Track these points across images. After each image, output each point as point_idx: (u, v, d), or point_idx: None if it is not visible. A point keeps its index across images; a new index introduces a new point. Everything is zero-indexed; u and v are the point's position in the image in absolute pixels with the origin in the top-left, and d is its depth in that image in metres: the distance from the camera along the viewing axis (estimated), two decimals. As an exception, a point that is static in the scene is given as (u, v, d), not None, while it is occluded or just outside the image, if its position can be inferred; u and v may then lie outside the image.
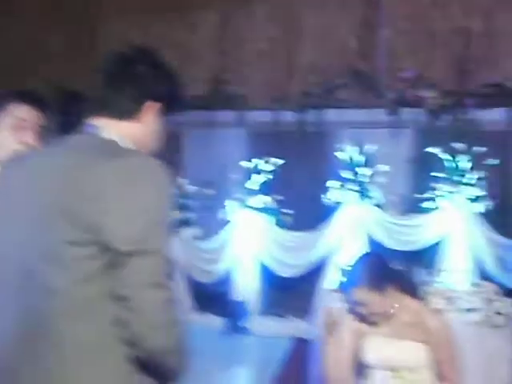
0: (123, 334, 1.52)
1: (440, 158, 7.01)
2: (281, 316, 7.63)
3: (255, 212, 7.63)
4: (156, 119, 1.81)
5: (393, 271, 3.16)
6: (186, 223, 7.98)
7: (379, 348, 2.94)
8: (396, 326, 2.95)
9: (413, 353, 2.88)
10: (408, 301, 3.00)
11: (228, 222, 7.82)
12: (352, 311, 3.07)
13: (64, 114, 8.61)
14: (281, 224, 7.64)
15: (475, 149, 6.97)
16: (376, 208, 7.22)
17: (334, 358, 3.04)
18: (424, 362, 2.87)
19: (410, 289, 3.10)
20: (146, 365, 1.57)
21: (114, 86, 1.76)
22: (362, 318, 3.04)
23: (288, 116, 8.37)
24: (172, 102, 1.86)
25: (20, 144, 2.36)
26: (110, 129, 1.73)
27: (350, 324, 3.07)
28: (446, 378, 2.88)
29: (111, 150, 1.67)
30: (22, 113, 2.44)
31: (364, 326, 3.04)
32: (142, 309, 1.49)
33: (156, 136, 1.84)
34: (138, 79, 1.77)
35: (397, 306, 2.96)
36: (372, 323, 3.01)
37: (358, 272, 3.15)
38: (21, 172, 1.72)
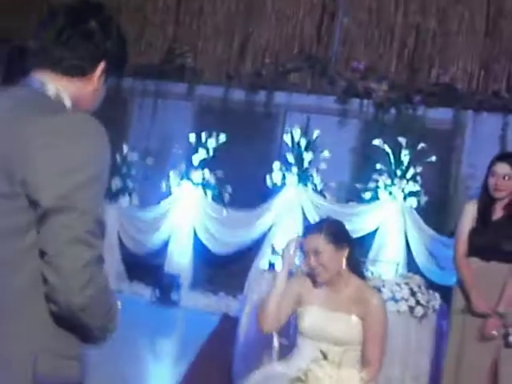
0: (45, 289, 1.51)
1: (383, 150, 7.11)
2: (212, 292, 7.66)
3: (195, 186, 7.61)
4: (101, 79, 1.74)
5: (351, 238, 3.16)
6: (124, 191, 7.92)
7: (315, 318, 2.97)
8: (337, 298, 2.97)
9: (348, 327, 2.91)
10: (353, 276, 3.03)
11: (167, 193, 7.79)
12: (303, 264, 3.07)
13: (10, 69, 8.45)
14: (219, 200, 7.64)
15: (416, 144, 7.10)
16: (315, 193, 7.29)
17: (275, 294, 3.07)
18: (356, 338, 2.92)
19: (357, 266, 3.13)
20: (68, 322, 1.55)
21: (66, 42, 1.67)
22: (310, 275, 3.04)
23: (238, 94, 8.38)
24: (120, 62, 1.79)
25: None
26: (53, 85, 1.67)
27: (293, 286, 3.09)
28: (369, 361, 2.91)
29: (48, 105, 1.62)
30: None
31: (306, 293, 3.05)
32: (59, 264, 1.48)
33: (99, 96, 1.78)
34: (92, 37, 1.69)
35: (344, 270, 2.96)
36: (317, 284, 3.01)
37: (318, 223, 3.20)
38: None
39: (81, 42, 1.69)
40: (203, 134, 7.72)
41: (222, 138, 7.66)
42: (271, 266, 5.32)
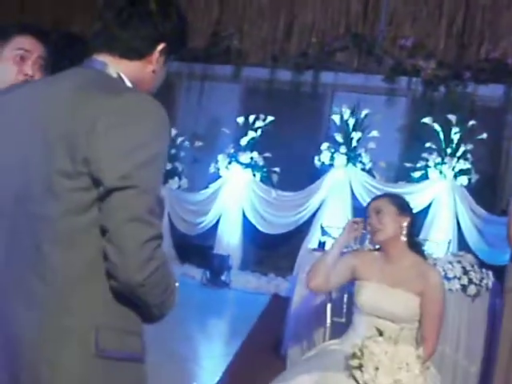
0: (106, 266, 1.54)
1: (432, 128, 7.03)
2: (261, 273, 7.72)
3: (244, 168, 7.65)
4: (162, 61, 1.74)
5: (413, 211, 3.17)
6: (174, 174, 8.00)
7: (373, 293, 2.97)
8: (395, 274, 2.97)
9: (405, 303, 2.89)
10: (411, 252, 3.03)
11: (216, 176, 7.85)
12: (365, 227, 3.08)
13: (59, 55, 8.57)
14: (267, 182, 7.67)
15: (467, 122, 6.99)
16: (364, 173, 7.26)
17: (329, 254, 3.10)
18: (413, 316, 2.91)
19: (416, 243, 3.13)
20: (127, 298, 1.58)
21: (126, 23, 1.67)
22: (368, 252, 3.07)
23: (285, 75, 8.36)
24: (179, 44, 1.78)
25: (23, 76, 2.33)
26: (115, 66, 1.68)
27: (350, 257, 3.11)
28: (425, 338, 2.91)
29: (112, 85, 1.64)
30: (26, 44, 2.39)
31: (363, 268, 3.06)
32: (119, 242, 1.50)
33: (159, 78, 1.78)
34: (151, 18, 1.68)
35: (403, 242, 2.97)
36: (375, 259, 3.01)
37: (384, 192, 3.22)
38: (22, 99, 1.70)
39: (139, 22, 1.69)
40: (251, 116, 7.74)
41: (270, 119, 7.66)
42: (321, 245, 5.33)
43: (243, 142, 7.68)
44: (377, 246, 3.17)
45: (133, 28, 1.69)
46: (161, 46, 1.72)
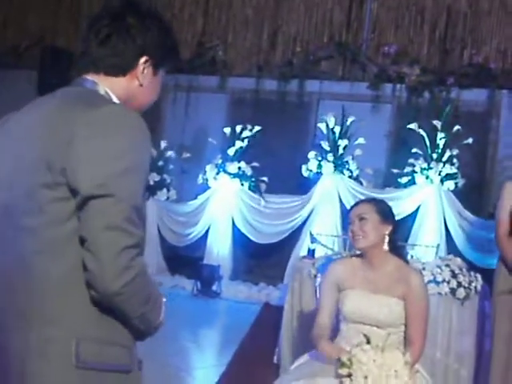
0: (85, 275, 1.55)
1: (418, 134, 7.08)
2: (252, 282, 7.73)
3: (232, 178, 7.67)
4: (149, 74, 1.74)
5: (395, 218, 3.16)
6: (162, 186, 8.01)
7: (357, 301, 2.98)
8: (377, 280, 2.97)
9: (389, 309, 2.90)
10: (393, 257, 3.03)
11: (205, 186, 7.86)
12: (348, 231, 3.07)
13: (43, 68, 8.59)
14: (256, 191, 7.69)
15: (452, 127, 7.05)
16: (351, 180, 7.30)
17: (319, 306, 3.09)
18: (398, 320, 2.92)
19: (397, 247, 3.13)
20: (107, 309, 1.58)
21: (105, 41, 1.69)
22: (350, 260, 3.06)
23: (270, 84, 8.40)
24: (164, 55, 1.77)
25: None
26: (102, 84, 1.70)
27: (331, 278, 3.09)
28: (412, 341, 2.92)
29: (94, 100, 1.65)
30: None
31: (346, 278, 3.05)
32: (96, 250, 1.51)
33: (150, 91, 1.78)
34: (129, 33, 1.69)
35: (385, 248, 2.97)
36: (357, 267, 3.01)
37: (368, 198, 3.20)
38: (14, 120, 1.74)
39: (117, 38, 1.70)
40: (237, 126, 7.77)
41: (256, 128, 7.70)
42: (310, 252, 5.36)
43: (231, 152, 7.71)
44: (358, 252, 3.17)
45: (112, 45, 1.71)
46: (143, 59, 1.73)
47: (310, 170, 7.37)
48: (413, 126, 7.12)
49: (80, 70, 1.74)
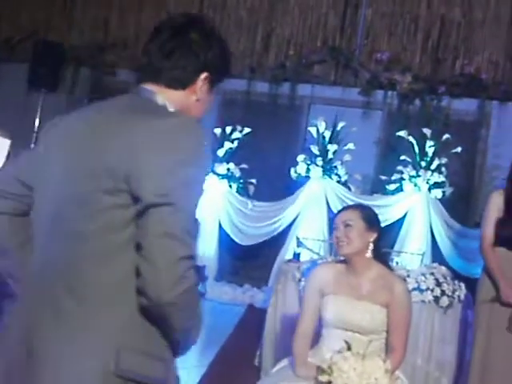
0: (137, 283, 1.54)
1: (407, 141, 7.10)
2: (237, 284, 7.72)
3: (220, 179, 7.67)
4: (207, 89, 1.77)
5: (381, 226, 3.16)
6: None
7: (339, 307, 2.98)
8: (360, 287, 2.98)
9: (372, 315, 2.89)
10: (377, 264, 3.02)
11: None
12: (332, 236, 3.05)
13: (35, 63, 8.57)
14: (244, 193, 7.69)
15: (441, 135, 7.08)
16: (340, 185, 7.31)
17: (302, 313, 3.08)
18: (380, 327, 2.92)
19: (382, 254, 3.13)
20: (155, 318, 1.58)
21: (169, 55, 1.72)
22: (334, 265, 3.04)
23: (262, 87, 8.41)
24: (222, 72, 1.81)
25: None
26: (161, 95, 1.72)
27: (315, 282, 3.09)
28: (393, 348, 2.92)
29: (155, 110, 1.69)
30: None
31: (329, 284, 3.05)
32: (153, 258, 1.51)
33: (204, 105, 1.81)
34: (192, 49, 1.73)
35: (368, 256, 2.96)
36: (340, 273, 3.01)
37: (355, 204, 3.19)
38: (72, 124, 1.75)
39: (181, 53, 1.74)
40: (227, 127, 7.76)
41: (247, 130, 7.69)
42: (296, 256, 5.36)
43: (220, 153, 7.70)
44: (342, 258, 3.17)
45: (175, 59, 1.74)
46: (203, 75, 1.76)
47: (299, 174, 7.37)
48: (402, 133, 7.14)
49: (140, 80, 1.77)
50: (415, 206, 7.12)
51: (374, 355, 2.61)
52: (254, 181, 7.69)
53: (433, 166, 7.06)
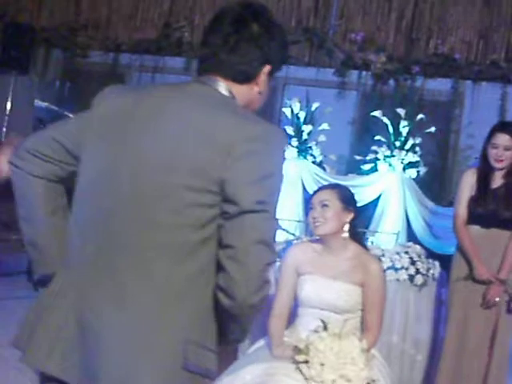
0: (218, 280, 1.57)
1: (381, 121, 7.12)
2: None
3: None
4: (266, 81, 1.80)
5: (357, 206, 3.15)
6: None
7: (315, 287, 2.98)
8: (336, 266, 2.98)
9: (347, 294, 2.91)
10: (353, 244, 3.03)
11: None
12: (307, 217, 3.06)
13: (5, 45, 8.44)
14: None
15: (415, 115, 7.10)
16: (315, 166, 7.31)
17: (277, 294, 3.08)
18: (356, 306, 2.93)
19: (358, 234, 3.13)
20: (219, 318, 1.62)
21: (234, 49, 1.72)
22: (310, 244, 3.04)
23: (236, 68, 8.36)
24: (282, 61, 1.84)
25: None
26: (230, 89, 1.72)
27: (290, 261, 3.09)
28: (368, 327, 2.94)
29: (238, 110, 1.69)
30: None
31: (305, 263, 3.05)
32: (246, 262, 1.54)
33: (263, 99, 1.84)
34: (256, 41, 1.73)
35: (345, 236, 2.97)
36: (316, 252, 3.01)
37: (332, 184, 3.21)
38: (148, 107, 1.67)
39: (247, 46, 1.73)
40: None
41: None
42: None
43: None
44: (317, 237, 3.17)
45: (241, 53, 1.74)
46: (267, 68, 1.77)
47: (274, 155, 7.35)
48: (377, 113, 7.14)
49: (202, 71, 1.75)
50: (390, 185, 7.14)
51: (350, 334, 2.63)
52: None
53: (407, 146, 7.07)
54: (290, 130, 7.27)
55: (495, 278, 3.82)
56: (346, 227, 3.01)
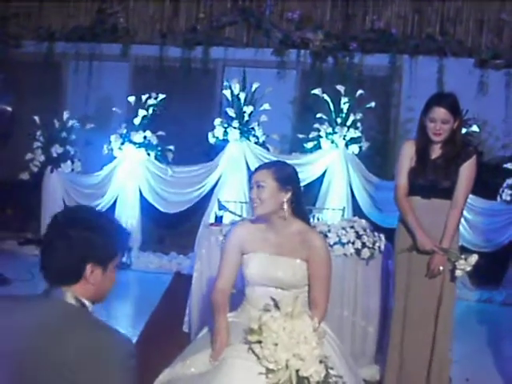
0: None
1: (322, 99, 7.16)
2: (163, 252, 7.68)
3: (137, 148, 7.54)
4: (101, 274, 1.97)
5: (297, 182, 3.14)
6: (66, 158, 7.80)
7: (260, 264, 2.99)
8: (280, 243, 2.98)
9: (293, 270, 2.91)
10: (296, 220, 3.03)
11: (110, 157, 7.70)
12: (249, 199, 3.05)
13: None
14: (162, 160, 7.60)
15: (355, 91, 7.16)
16: (258, 146, 7.32)
17: (220, 270, 3.07)
18: (302, 281, 2.95)
19: (300, 210, 3.13)
20: None
21: (52, 253, 1.90)
22: (253, 223, 3.04)
23: (174, 52, 8.28)
24: (114, 256, 2.00)
25: None
26: (69, 293, 1.90)
27: (234, 240, 3.08)
28: (316, 302, 2.95)
29: (77, 318, 1.86)
30: None
31: (249, 241, 3.05)
32: None
33: (107, 286, 2.02)
34: (72, 245, 1.90)
35: (285, 215, 2.97)
36: (259, 230, 3.01)
37: (271, 162, 3.18)
38: None
39: (63, 251, 1.93)
40: (142, 95, 7.61)
41: (161, 97, 7.57)
42: (218, 219, 5.35)
43: (136, 121, 7.56)
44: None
45: (58, 256, 1.96)
46: (90, 266, 1.96)
47: (217, 137, 7.33)
48: (317, 91, 7.18)
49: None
50: (334, 162, 7.21)
51: (302, 313, 2.64)
52: (172, 147, 7.60)
53: (348, 122, 7.14)
54: (231, 112, 7.26)
55: (438, 248, 3.89)
56: (285, 206, 3.01)
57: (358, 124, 7.19)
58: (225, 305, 3.01)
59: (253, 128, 7.31)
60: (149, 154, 7.59)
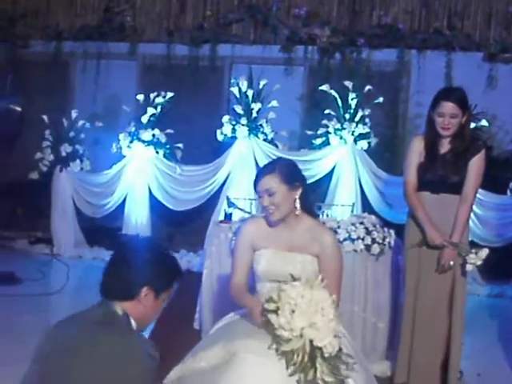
0: None
1: (330, 95, 7.15)
2: (173, 250, 7.68)
3: (146, 146, 7.56)
4: (153, 300, 2.26)
5: (303, 177, 3.14)
6: (75, 157, 7.83)
7: (271, 260, 2.99)
8: (291, 239, 2.98)
9: (303, 266, 2.91)
10: (306, 216, 3.02)
11: (119, 155, 7.72)
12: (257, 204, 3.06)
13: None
14: (171, 158, 7.61)
15: (363, 87, 7.15)
16: (266, 143, 7.31)
17: (234, 267, 3.07)
18: (312, 276, 2.94)
19: (309, 206, 3.12)
20: None
21: (117, 272, 2.22)
22: (264, 217, 3.03)
23: (181, 50, 8.29)
24: (168, 288, 2.31)
25: None
26: (119, 306, 2.20)
27: (245, 236, 3.08)
28: (329, 294, 2.96)
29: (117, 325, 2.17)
30: None
31: (260, 237, 3.05)
32: None
33: (154, 313, 2.34)
34: (138, 267, 2.20)
35: (298, 212, 2.96)
36: (270, 226, 3.01)
37: (271, 164, 3.15)
38: None
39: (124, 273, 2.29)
40: (150, 93, 7.62)
41: (169, 95, 7.57)
42: (227, 216, 5.35)
43: (144, 119, 7.58)
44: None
45: (118, 276, 2.30)
46: (145, 290, 2.29)
47: (225, 135, 7.33)
48: (325, 87, 7.17)
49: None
50: (342, 158, 7.20)
51: (321, 286, 2.61)
52: (180, 145, 7.61)
53: (357, 118, 7.13)
54: (239, 110, 7.26)
55: (448, 242, 3.88)
56: (297, 203, 3.01)
57: (367, 120, 7.18)
58: (246, 292, 3.01)
59: (261, 125, 7.31)
60: (157, 152, 7.60)
